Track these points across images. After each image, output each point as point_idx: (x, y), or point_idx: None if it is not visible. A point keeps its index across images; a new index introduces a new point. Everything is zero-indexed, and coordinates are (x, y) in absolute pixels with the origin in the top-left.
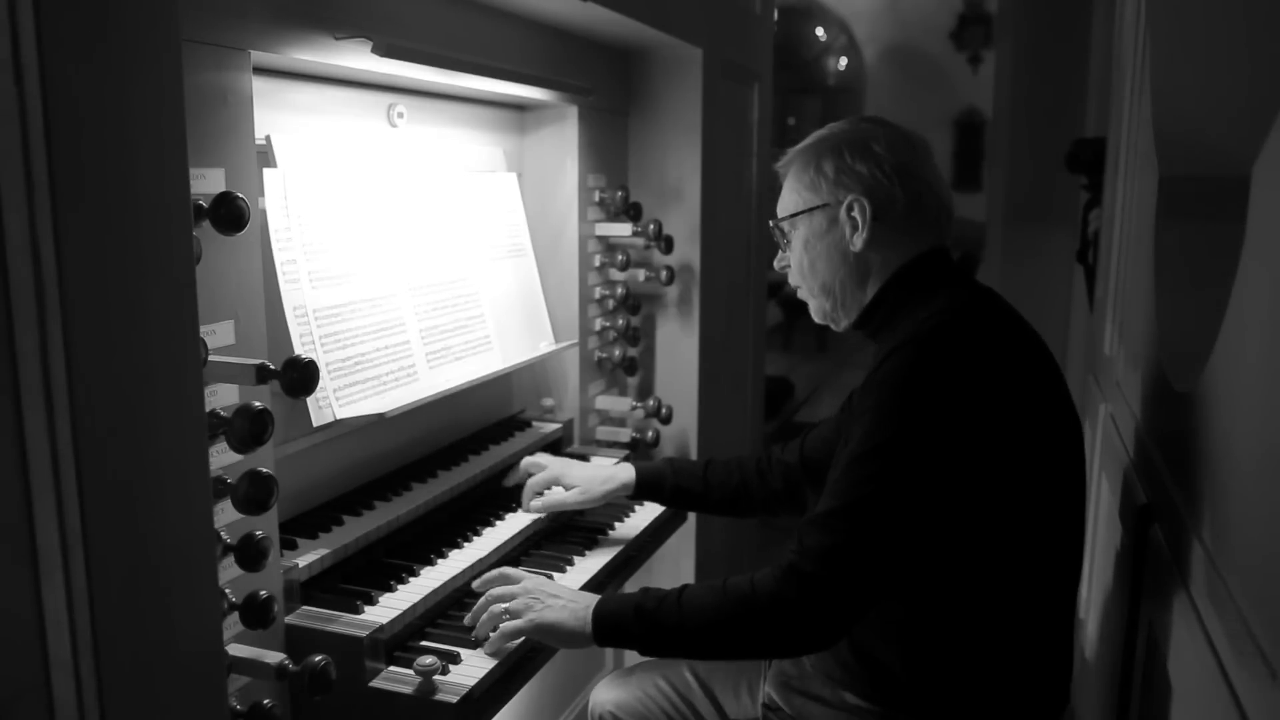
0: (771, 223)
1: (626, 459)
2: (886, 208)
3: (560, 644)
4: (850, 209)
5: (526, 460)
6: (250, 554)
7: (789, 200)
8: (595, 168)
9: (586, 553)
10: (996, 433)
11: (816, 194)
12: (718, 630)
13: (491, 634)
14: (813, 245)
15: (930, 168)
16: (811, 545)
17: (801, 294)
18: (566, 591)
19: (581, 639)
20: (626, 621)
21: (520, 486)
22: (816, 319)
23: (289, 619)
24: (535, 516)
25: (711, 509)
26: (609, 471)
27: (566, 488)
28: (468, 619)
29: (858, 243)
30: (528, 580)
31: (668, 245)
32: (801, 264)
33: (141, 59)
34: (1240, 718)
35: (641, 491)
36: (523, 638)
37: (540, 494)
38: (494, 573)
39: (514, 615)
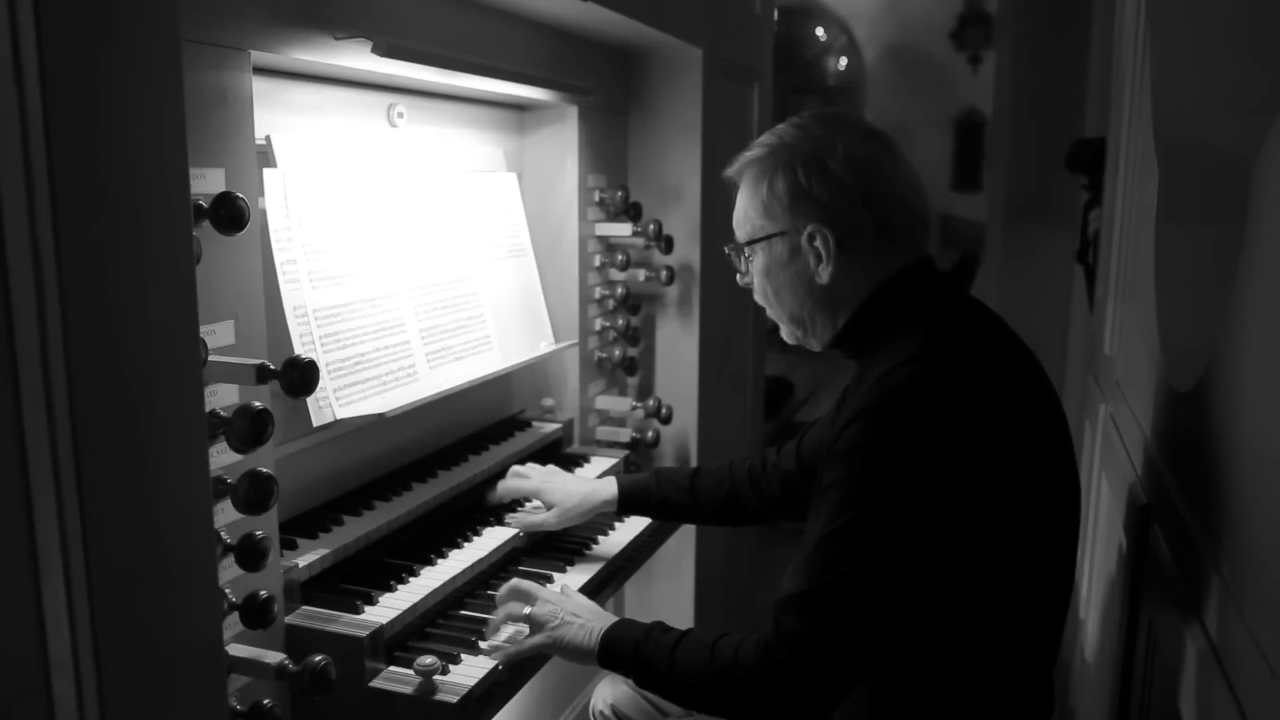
0: (727, 248)
1: (626, 459)
2: (852, 235)
3: (570, 659)
4: (812, 239)
5: (512, 470)
6: (250, 554)
7: (743, 222)
8: (595, 168)
9: (588, 551)
10: (971, 496)
11: (772, 220)
12: (697, 692)
13: (504, 641)
14: (775, 275)
15: (900, 175)
16: (786, 629)
17: (769, 314)
18: (586, 609)
19: (589, 658)
20: (626, 656)
21: (508, 505)
22: (788, 340)
23: (289, 619)
24: (535, 518)
25: (701, 520)
26: (590, 487)
27: (548, 504)
28: (493, 618)
29: (824, 275)
30: (549, 593)
31: (668, 245)
32: (765, 290)
33: (141, 59)
34: (1240, 717)
35: (625, 507)
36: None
37: (517, 507)
38: (508, 587)
39: (534, 623)
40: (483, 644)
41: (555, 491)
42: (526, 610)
